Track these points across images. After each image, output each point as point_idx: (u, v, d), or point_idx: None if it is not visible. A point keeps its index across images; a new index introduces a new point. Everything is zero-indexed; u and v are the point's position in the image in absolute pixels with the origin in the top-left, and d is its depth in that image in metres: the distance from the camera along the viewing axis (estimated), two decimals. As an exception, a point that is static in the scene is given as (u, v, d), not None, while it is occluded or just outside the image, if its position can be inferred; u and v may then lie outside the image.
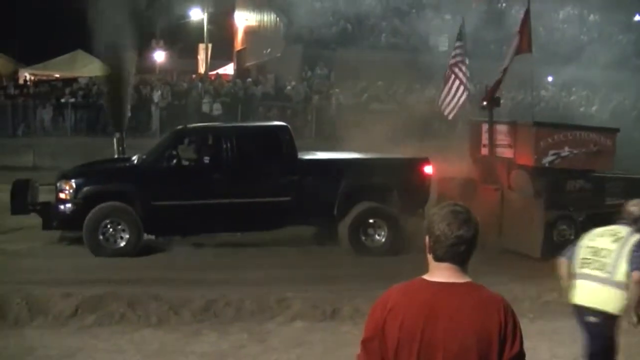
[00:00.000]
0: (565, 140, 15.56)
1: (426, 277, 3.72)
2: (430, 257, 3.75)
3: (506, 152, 16.11)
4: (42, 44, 50.08)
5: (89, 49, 48.55)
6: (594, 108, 39.07)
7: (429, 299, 3.59)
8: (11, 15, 54.62)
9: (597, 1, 45.88)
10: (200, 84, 36.88)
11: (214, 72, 49.00)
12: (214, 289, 11.67)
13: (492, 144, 17.09)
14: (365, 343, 3.73)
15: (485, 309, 3.58)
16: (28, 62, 50.68)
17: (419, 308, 3.57)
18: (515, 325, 3.63)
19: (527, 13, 17.26)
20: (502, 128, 16.69)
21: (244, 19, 54.44)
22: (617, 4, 40.91)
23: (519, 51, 16.59)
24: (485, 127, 17.01)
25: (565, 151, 15.41)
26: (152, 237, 15.26)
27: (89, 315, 10.33)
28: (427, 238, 3.75)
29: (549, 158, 15.38)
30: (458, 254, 3.64)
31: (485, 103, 16.71)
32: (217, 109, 33.24)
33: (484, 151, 16.81)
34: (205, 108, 33.47)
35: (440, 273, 3.68)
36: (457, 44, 17.95)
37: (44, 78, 43.14)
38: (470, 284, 3.67)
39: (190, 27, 55.10)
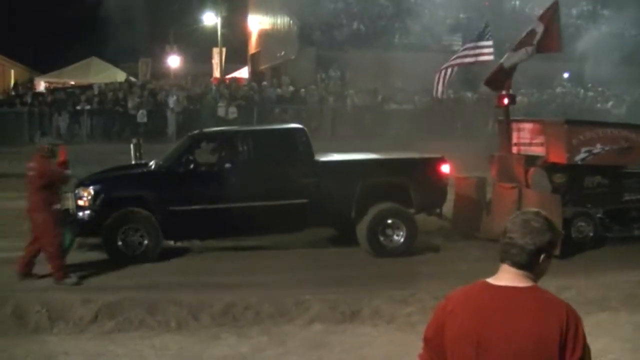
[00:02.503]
0: (597, 137, 15.54)
1: (490, 280, 3.76)
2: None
3: (538, 150, 16.10)
4: (56, 52, 50.32)
5: (103, 56, 48.94)
6: (609, 104, 38.92)
7: (487, 302, 3.64)
8: (26, 24, 54.90)
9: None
10: (214, 88, 36.98)
11: (231, 76, 49.10)
12: (232, 293, 11.69)
13: (509, 142, 17.10)
14: (426, 341, 3.83)
15: (545, 313, 3.57)
16: (43, 71, 50.97)
17: (476, 311, 3.62)
18: (577, 332, 3.58)
19: (556, 8, 16.78)
20: (533, 126, 16.72)
21: (257, 22, 54.55)
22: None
23: (544, 49, 16.43)
24: (516, 125, 17.04)
25: (597, 148, 15.39)
26: (171, 242, 15.29)
27: (108, 321, 10.37)
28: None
29: (582, 155, 15.39)
30: (519, 260, 3.67)
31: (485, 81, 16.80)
32: (233, 112, 33.34)
33: (515, 149, 16.83)
34: (220, 112, 33.57)
35: (502, 276, 3.72)
36: (484, 42, 17.61)
37: (60, 86, 43.33)
38: (533, 288, 3.67)
39: (204, 32, 55.18)
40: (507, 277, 3.69)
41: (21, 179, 24.92)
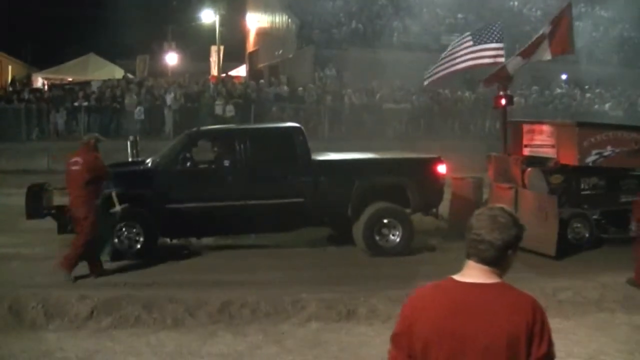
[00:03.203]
0: (607, 139, 15.61)
1: (456, 277, 3.78)
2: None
3: (548, 152, 16.15)
4: (54, 49, 50.32)
5: (101, 53, 48.89)
6: (607, 105, 38.99)
7: (459, 298, 3.66)
8: (24, 20, 54.86)
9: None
10: (212, 86, 36.97)
11: (226, 74, 49.05)
12: (229, 291, 11.69)
13: (506, 142, 17.15)
14: (394, 338, 3.82)
15: (513, 309, 3.61)
16: (41, 67, 50.94)
17: (449, 308, 3.64)
18: (544, 326, 3.63)
19: (569, 11, 16.95)
20: (543, 128, 16.79)
21: (255, 21, 54.58)
22: (629, 2, 40.82)
23: (556, 51, 16.50)
24: (526, 127, 17.09)
25: (608, 150, 15.47)
26: (167, 240, 15.29)
27: (105, 317, 10.36)
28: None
29: (592, 157, 15.48)
30: (487, 256, 3.69)
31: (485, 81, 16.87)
32: (230, 110, 33.33)
33: (526, 151, 16.88)
34: (218, 110, 33.55)
35: (469, 273, 3.74)
36: (493, 45, 17.50)
37: (57, 82, 43.31)
38: (500, 284, 3.72)
39: (203, 30, 55.20)
40: (474, 273, 3.72)
41: (19, 175, 25.11)
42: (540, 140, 16.54)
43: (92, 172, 12.97)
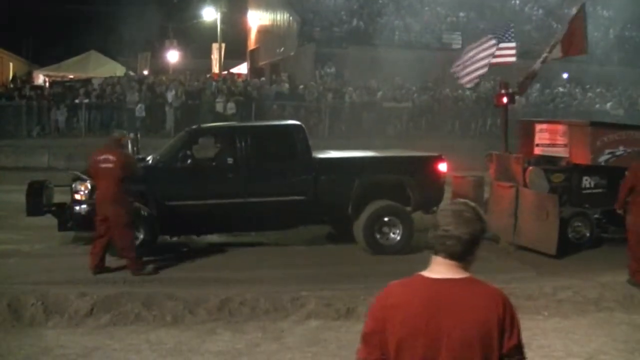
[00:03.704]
0: (620, 139, 15.69)
1: (425, 273, 3.82)
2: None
3: (560, 151, 16.17)
4: (55, 46, 50.29)
5: (102, 50, 48.89)
6: (608, 105, 38.97)
7: (430, 295, 3.70)
8: (24, 17, 54.86)
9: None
10: (214, 84, 36.96)
11: (228, 72, 49.08)
12: (228, 288, 11.70)
13: (507, 140, 17.17)
14: (365, 337, 3.84)
15: (484, 303, 3.69)
16: (42, 64, 50.93)
17: (421, 305, 3.68)
18: (513, 318, 3.72)
19: (581, 12, 17.20)
20: (556, 127, 16.84)
21: (257, 19, 54.58)
22: (630, 1, 40.82)
23: (570, 52, 16.64)
24: (538, 126, 17.14)
25: (620, 150, 15.53)
26: (167, 237, 15.28)
27: (104, 314, 10.36)
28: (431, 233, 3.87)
29: (605, 157, 15.56)
30: (455, 251, 3.74)
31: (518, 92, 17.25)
32: (231, 108, 33.32)
33: (537, 150, 16.92)
34: (219, 107, 33.54)
35: (438, 269, 3.78)
36: (506, 44, 17.55)
37: (58, 79, 43.30)
38: (469, 279, 3.77)
39: (204, 27, 55.24)
40: (442, 269, 3.77)
41: (19, 172, 25.11)
42: (553, 140, 16.60)
43: (126, 169, 12.99)
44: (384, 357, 3.75)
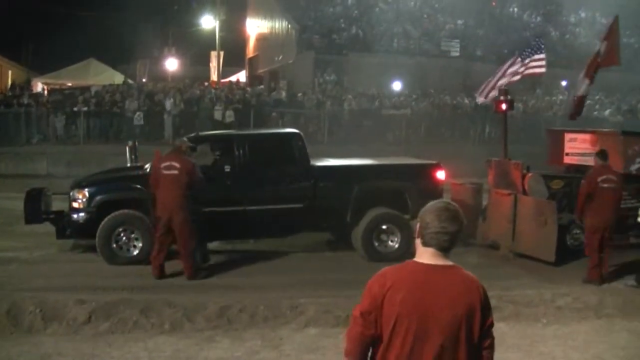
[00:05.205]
0: None
1: (417, 260, 4.33)
2: (418, 241, 4.36)
3: (591, 161, 16.21)
4: (54, 53, 50.32)
5: (101, 58, 48.91)
6: (607, 111, 39.00)
7: (424, 278, 4.21)
8: (23, 25, 54.90)
9: (608, 5, 45.82)
10: (214, 91, 36.97)
11: (227, 80, 49.16)
12: (227, 295, 11.69)
13: (506, 148, 17.17)
14: (363, 315, 4.34)
15: (468, 286, 4.25)
16: (41, 71, 50.95)
17: (415, 285, 4.18)
18: (489, 301, 4.30)
19: (615, 24, 17.66)
20: (586, 137, 16.97)
21: (255, 26, 54.61)
22: (628, 8, 40.81)
23: (605, 63, 16.82)
24: (568, 136, 17.24)
25: None
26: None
27: (102, 322, 10.34)
28: (418, 225, 4.36)
29: (637, 165, 15.88)
30: (442, 242, 4.24)
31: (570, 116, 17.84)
32: (230, 116, 33.28)
33: (567, 160, 17.00)
34: (217, 115, 33.51)
35: (427, 257, 4.28)
36: (538, 55, 17.69)
37: (57, 87, 43.33)
38: (454, 266, 4.29)
39: (203, 35, 55.27)
40: (432, 258, 4.27)
41: (18, 179, 25.09)
42: (583, 149, 16.67)
43: (191, 176, 13.08)
44: (378, 332, 4.25)
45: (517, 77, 17.73)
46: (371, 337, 4.29)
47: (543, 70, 17.63)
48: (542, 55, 17.57)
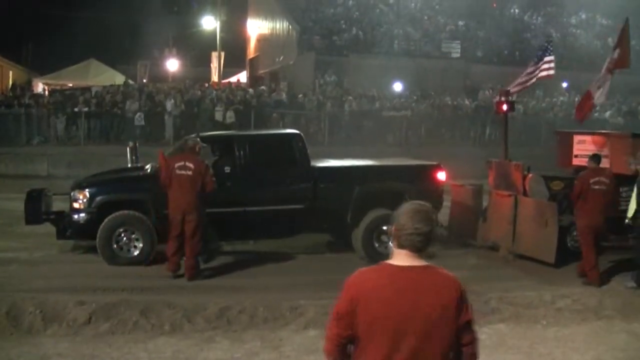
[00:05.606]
0: None
1: (391, 262, 4.35)
2: (394, 244, 4.38)
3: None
4: (55, 54, 50.33)
5: (102, 58, 48.92)
6: (607, 113, 38.98)
7: (399, 280, 4.25)
8: (24, 26, 54.91)
9: (609, 6, 45.88)
10: (215, 92, 36.96)
11: (227, 81, 49.15)
12: (227, 296, 11.68)
13: (506, 148, 17.18)
14: (339, 317, 4.36)
15: (444, 285, 4.28)
16: (41, 72, 50.95)
17: (392, 287, 4.23)
18: (466, 299, 4.33)
19: (626, 27, 17.75)
20: (595, 139, 17.08)
21: (256, 27, 54.63)
22: (628, 9, 40.83)
23: (616, 66, 16.92)
24: (577, 138, 17.27)
25: None
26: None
27: (102, 323, 10.34)
28: (393, 228, 4.37)
29: None
30: (416, 243, 4.27)
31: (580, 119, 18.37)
32: (230, 116, 33.28)
33: (576, 161, 17.00)
34: (218, 116, 33.52)
35: (401, 258, 4.31)
36: (548, 58, 17.75)
37: (58, 87, 43.33)
38: (429, 266, 4.32)
39: (203, 36, 55.28)
40: (407, 259, 4.30)
41: (18, 180, 25.10)
42: (592, 151, 16.64)
43: (204, 177, 13.09)
44: (353, 333, 4.28)
45: (533, 81, 17.80)
46: (348, 337, 4.35)
47: (552, 72, 17.64)
48: (552, 58, 17.62)
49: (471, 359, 4.40)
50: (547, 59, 17.65)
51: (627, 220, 13.50)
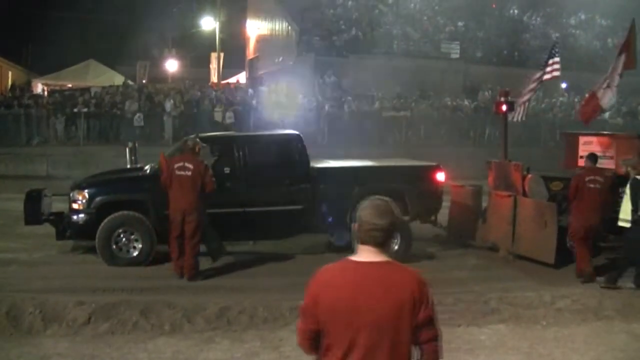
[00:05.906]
0: None
1: (353, 257, 4.45)
2: (357, 240, 4.47)
3: (606, 163, 16.21)
4: (54, 54, 50.30)
5: (101, 59, 48.91)
6: (607, 114, 38.96)
7: (356, 275, 4.34)
8: (24, 26, 54.88)
9: (608, 7, 45.87)
10: (214, 93, 36.96)
11: (226, 81, 49.14)
12: (227, 297, 11.69)
13: (506, 149, 17.17)
14: (304, 312, 4.49)
15: (400, 281, 4.32)
16: (41, 73, 50.90)
17: (347, 282, 4.33)
18: (426, 294, 4.34)
19: (633, 28, 17.69)
20: (601, 140, 17.10)
21: (256, 28, 54.58)
22: (628, 9, 40.84)
23: (623, 67, 16.98)
24: (583, 139, 17.29)
25: None
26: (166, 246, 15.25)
27: (102, 323, 10.33)
28: (357, 225, 4.46)
29: None
30: (376, 238, 4.37)
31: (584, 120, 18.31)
32: (230, 117, 33.28)
33: (582, 163, 16.99)
34: (217, 117, 33.52)
35: (364, 255, 4.40)
36: (552, 60, 17.78)
37: (57, 88, 43.31)
38: (390, 262, 4.39)
39: (203, 36, 55.29)
40: (368, 255, 4.39)
41: (18, 180, 25.09)
42: (598, 152, 16.65)
43: (204, 177, 13.12)
44: (319, 327, 4.37)
45: (539, 83, 17.86)
46: (315, 331, 4.41)
47: (558, 73, 17.69)
48: (558, 59, 17.66)
49: (433, 357, 4.42)
50: (552, 60, 17.70)
51: (621, 223, 13.48)
